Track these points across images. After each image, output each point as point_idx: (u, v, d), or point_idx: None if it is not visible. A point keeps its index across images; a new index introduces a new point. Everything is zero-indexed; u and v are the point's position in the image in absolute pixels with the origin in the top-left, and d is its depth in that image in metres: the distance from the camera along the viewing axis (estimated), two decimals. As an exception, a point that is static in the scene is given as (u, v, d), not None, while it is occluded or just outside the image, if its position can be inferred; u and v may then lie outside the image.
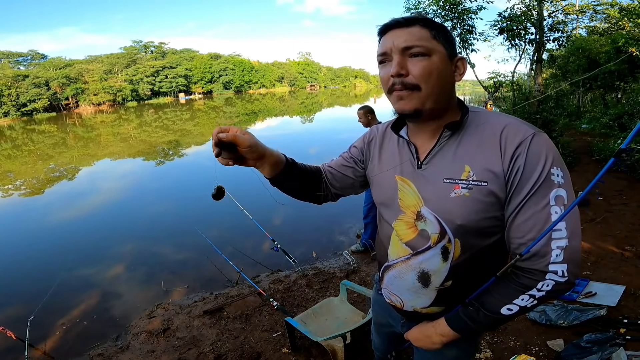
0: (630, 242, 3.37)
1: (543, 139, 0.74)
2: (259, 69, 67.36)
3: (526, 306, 0.78)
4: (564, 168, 0.74)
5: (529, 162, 0.72)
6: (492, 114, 0.81)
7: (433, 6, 8.10)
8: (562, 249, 0.72)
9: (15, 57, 44.32)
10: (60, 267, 4.07)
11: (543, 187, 0.72)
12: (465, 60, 0.83)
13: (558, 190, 0.72)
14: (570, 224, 0.72)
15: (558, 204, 0.72)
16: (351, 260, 3.48)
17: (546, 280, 0.74)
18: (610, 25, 10.32)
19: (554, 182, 0.72)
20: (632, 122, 7.05)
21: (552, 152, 0.73)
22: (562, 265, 0.73)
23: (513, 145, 0.73)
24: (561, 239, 0.72)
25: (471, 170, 0.77)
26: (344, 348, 1.95)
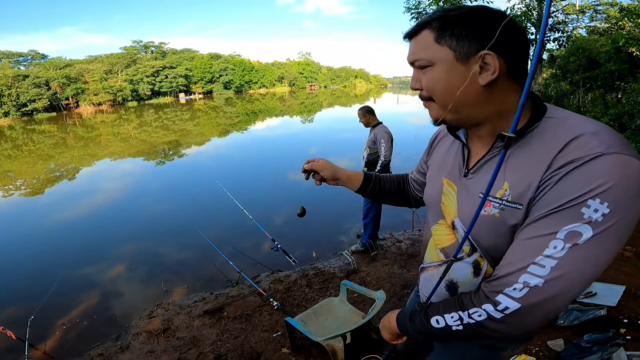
0: (630, 242, 3.37)
1: (611, 162, 0.55)
2: (259, 69, 67.37)
3: (451, 326, 0.70)
4: (621, 208, 0.54)
5: (567, 181, 0.57)
6: (575, 121, 0.62)
7: (433, 6, 8.10)
8: (529, 286, 0.59)
9: (15, 57, 44.34)
10: (60, 267, 4.08)
11: (564, 213, 0.57)
12: (494, 55, 0.62)
13: (582, 227, 0.55)
14: (565, 267, 0.57)
15: (567, 240, 0.56)
16: (351, 260, 3.48)
17: (480, 309, 0.65)
18: (611, 25, 10.32)
19: (583, 216, 0.55)
20: (632, 122, 7.05)
21: (611, 183, 0.54)
22: (513, 302, 0.61)
23: (563, 161, 0.58)
24: (535, 277, 0.59)
25: (509, 188, 0.65)
26: (344, 348, 1.95)
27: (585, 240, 0.56)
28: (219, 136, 16.40)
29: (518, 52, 0.65)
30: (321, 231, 4.72)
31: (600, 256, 0.57)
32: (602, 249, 0.56)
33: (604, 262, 0.57)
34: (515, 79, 0.66)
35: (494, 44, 0.62)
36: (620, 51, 8.68)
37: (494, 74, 0.63)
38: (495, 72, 0.63)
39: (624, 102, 9.34)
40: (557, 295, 0.59)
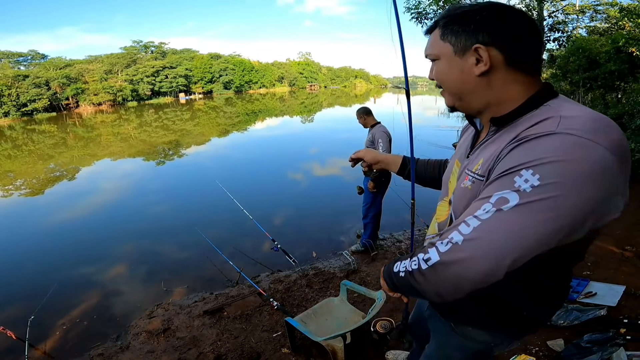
0: (630, 242, 3.37)
1: (561, 141, 0.57)
2: (259, 69, 67.35)
3: (399, 272, 0.74)
4: (556, 183, 0.55)
5: (511, 155, 0.62)
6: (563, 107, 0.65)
7: (433, 6, 8.10)
8: (452, 242, 0.61)
9: (15, 57, 44.34)
10: (60, 267, 4.08)
11: (501, 179, 0.61)
12: (487, 49, 0.68)
13: (510, 194, 0.58)
14: (484, 230, 0.59)
15: (496, 204, 0.59)
16: (351, 260, 3.48)
17: (416, 258, 0.68)
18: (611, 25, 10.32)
19: (514, 184, 0.58)
20: (632, 122, 7.05)
21: (550, 155, 0.56)
22: (436, 255, 0.62)
23: (521, 136, 0.63)
24: (459, 234, 0.61)
25: (481, 163, 0.72)
26: (344, 348, 1.95)
27: (510, 208, 0.57)
28: (219, 136, 16.40)
29: (518, 42, 0.68)
30: (321, 231, 4.72)
31: (524, 228, 0.56)
32: (526, 221, 0.56)
33: (528, 237, 0.56)
34: (520, 69, 0.70)
35: (490, 37, 0.68)
36: (620, 51, 8.67)
37: (486, 65, 0.69)
38: (487, 64, 0.69)
39: (624, 102, 9.33)
40: (469, 258, 0.59)
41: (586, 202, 0.56)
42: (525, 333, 0.90)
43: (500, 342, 0.90)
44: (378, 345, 2.22)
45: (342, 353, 1.94)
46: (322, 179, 7.71)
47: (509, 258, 0.57)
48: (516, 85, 0.70)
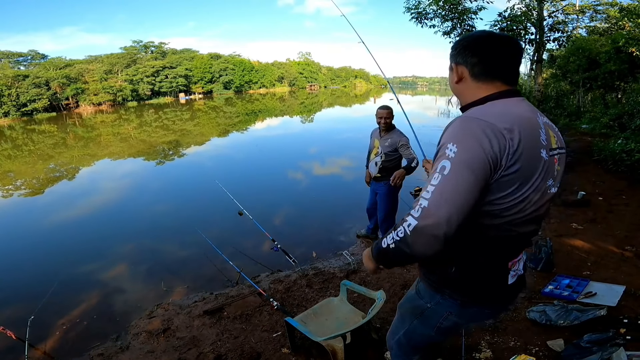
0: (630, 242, 3.37)
1: (459, 121, 0.91)
2: (259, 69, 67.26)
3: (389, 245, 0.95)
4: (463, 146, 0.85)
5: (441, 138, 0.93)
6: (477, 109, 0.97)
7: (433, 6, 8.09)
8: (421, 207, 0.85)
9: (15, 57, 44.24)
10: (60, 267, 4.08)
11: (439, 156, 0.89)
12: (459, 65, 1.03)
13: (445, 161, 0.86)
14: (439, 191, 0.84)
15: (440, 171, 0.86)
16: (351, 260, 3.48)
17: (401, 227, 0.90)
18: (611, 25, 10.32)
19: (445, 154, 0.86)
20: (632, 122, 7.05)
21: (456, 131, 0.88)
22: (414, 220, 0.86)
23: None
24: (425, 199, 0.85)
25: None
26: (344, 348, 1.95)
27: (448, 169, 0.85)
28: (219, 136, 16.40)
29: (481, 61, 1.00)
30: (321, 231, 4.72)
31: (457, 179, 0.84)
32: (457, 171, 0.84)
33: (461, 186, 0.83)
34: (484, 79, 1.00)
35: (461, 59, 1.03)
36: (620, 51, 8.67)
37: (456, 77, 1.05)
38: (456, 77, 1.05)
39: (624, 102, 9.34)
40: (437, 207, 0.83)
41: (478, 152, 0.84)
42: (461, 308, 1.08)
43: (434, 305, 1.13)
44: (378, 345, 2.22)
45: (342, 353, 1.95)
46: (322, 179, 7.72)
47: (459, 204, 0.83)
48: (477, 90, 1.02)
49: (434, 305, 1.13)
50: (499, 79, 1.00)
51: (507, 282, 1.06)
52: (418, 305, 1.19)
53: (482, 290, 1.07)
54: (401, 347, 1.33)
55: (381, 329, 2.40)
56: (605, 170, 5.82)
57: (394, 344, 1.36)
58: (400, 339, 1.31)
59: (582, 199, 4.58)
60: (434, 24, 8.45)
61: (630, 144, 5.70)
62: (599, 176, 5.59)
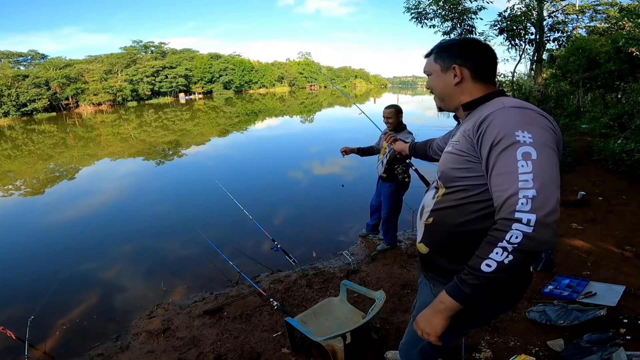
0: (630, 242, 3.37)
1: (510, 111, 0.90)
2: (259, 69, 67.24)
3: (502, 261, 0.82)
4: (534, 130, 0.85)
5: (491, 127, 0.89)
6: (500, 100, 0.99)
7: (433, 6, 8.09)
8: (529, 198, 0.79)
9: (15, 57, 44.21)
10: (60, 267, 4.08)
11: (507, 146, 0.85)
12: (460, 66, 1.06)
13: (524, 148, 0.83)
14: (538, 176, 0.81)
15: (525, 158, 0.82)
16: (351, 260, 3.48)
17: (513, 231, 0.80)
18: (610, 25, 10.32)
19: (519, 142, 0.84)
20: (632, 122, 7.05)
21: (518, 119, 0.88)
22: (529, 214, 0.79)
23: (484, 115, 0.93)
24: (528, 189, 0.80)
25: (459, 135, 1.04)
26: (344, 348, 1.95)
27: (535, 154, 0.83)
28: (219, 136, 16.40)
29: (480, 63, 1.06)
30: (321, 231, 4.72)
31: (551, 162, 0.84)
32: (545, 155, 0.84)
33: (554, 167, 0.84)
34: (480, 80, 1.07)
35: (462, 60, 1.06)
36: (620, 51, 8.67)
37: (459, 77, 1.07)
38: (458, 77, 1.07)
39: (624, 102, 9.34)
40: (547, 193, 0.80)
41: (550, 135, 0.88)
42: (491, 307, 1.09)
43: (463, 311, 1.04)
44: (378, 345, 2.22)
45: (342, 353, 1.94)
46: (322, 179, 7.71)
47: (558, 185, 0.83)
48: (477, 90, 1.07)
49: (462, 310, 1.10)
50: (491, 81, 1.08)
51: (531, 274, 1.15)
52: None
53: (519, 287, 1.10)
54: (425, 354, 1.31)
55: (381, 329, 2.40)
56: (605, 170, 5.82)
57: (416, 354, 1.32)
58: (425, 348, 1.28)
59: (582, 199, 4.58)
60: (434, 24, 8.46)
61: (630, 144, 5.70)
62: (599, 176, 5.60)
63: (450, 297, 0.92)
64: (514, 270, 0.82)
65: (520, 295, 1.13)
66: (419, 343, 1.28)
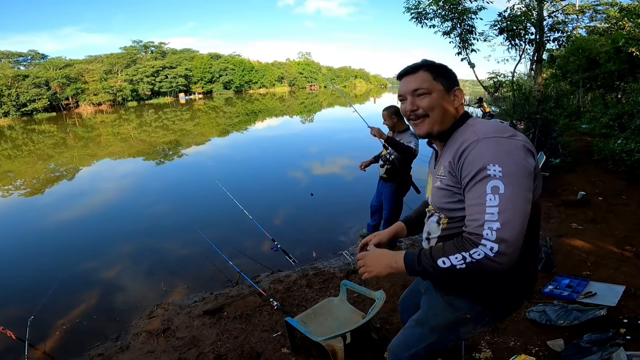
0: (630, 242, 3.37)
1: (484, 143, 0.94)
2: (259, 69, 67.23)
3: (455, 266, 0.94)
4: (506, 162, 0.91)
5: (468, 162, 0.95)
6: (472, 126, 1.03)
7: (433, 6, 8.07)
8: (493, 230, 0.89)
9: (15, 57, 44.21)
10: (60, 268, 4.08)
11: (479, 180, 0.92)
12: (461, 90, 1.09)
13: (494, 182, 0.90)
14: (503, 210, 0.89)
15: (494, 192, 0.90)
16: (351, 260, 3.48)
17: (478, 250, 0.91)
18: (610, 25, 10.31)
19: (490, 175, 0.90)
20: (632, 122, 7.04)
21: (491, 152, 0.92)
22: (493, 244, 0.89)
23: (462, 148, 0.98)
24: (493, 222, 0.89)
25: (443, 169, 1.06)
26: (344, 348, 1.95)
27: (502, 189, 0.89)
28: (219, 136, 16.40)
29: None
30: (321, 231, 4.72)
31: (518, 195, 0.90)
32: (513, 190, 0.90)
33: (522, 199, 0.91)
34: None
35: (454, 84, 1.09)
36: (620, 51, 8.66)
37: (460, 101, 1.10)
38: (462, 99, 1.10)
39: (624, 102, 9.34)
40: (510, 226, 0.88)
41: (520, 163, 0.92)
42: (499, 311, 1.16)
43: (475, 315, 1.14)
44: (378, 345, 2.22)
45: (342, 353, 1.94)
46: (322, 179, 7.71)
47: (524, 217, 0.91)
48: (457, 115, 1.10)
49: (474, 315, 1.15)
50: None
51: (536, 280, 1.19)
52: (454, 318, 1.17)
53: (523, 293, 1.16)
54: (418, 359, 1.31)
55: (381, 329, 2.40)
56: (605, 170, 5.82)
57: (407, 357, 1.31)
58: (419, 352, 1.28)
59: (582, 199, 4.58)
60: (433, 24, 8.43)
61: (630, 144, 5.69)
62: (599, 176, 5.59)
63: (404, 264, 1.04)
64: (459, 276, 0.95)
65: (520, 303, 1.19)
66: (412, 347, 1.27)
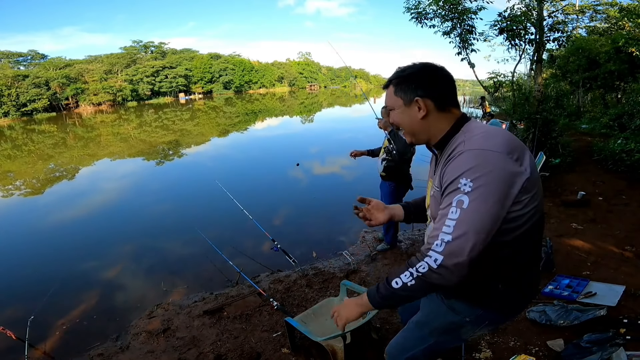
0: (630, 242, 3.37)
1: (466, 155, 0.91)
2: (259, 69, 67.26)
3: (406, 283, 0.93)
4: (480, 179, 0.87)
5: (447, 172, 0.94)
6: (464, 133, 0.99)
7: (433, 6, 8.06)
8: (444, 242, 0.88)
9: (15, 57, 44.23)
10: (60, 268, 4.08)
11: (450, 191, 0.91)
12: (421, 99, 1.01)
13: (460, 196, 0.88)
14: (459, 225, 0.87)
15: (457, 206, 0.88)
16: (351, 260, 3.48)
17: (423, 262, 0.91)
18: (610, 25, 10.31)
19: (459, 189, 0.89)
20: (632, 122, 7.05)
21: (468, 165, 0.89)
22: (439, 255, 0.88)
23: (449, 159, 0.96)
24: (447, 234, 0.88)
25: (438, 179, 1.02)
26: (344, 348, 1.95)
27: (466, 203, 0.87)
28: (219, 136, 16.40)
29: (441, 91, 1.02)
30: (321, 231, 4.72)
31: (481, 212, 0.86)
32: (479, 207, 0.86)
33: (486, 214, 0.87)
34: (444, 109, 1.03)
35: (424, 92, 1.01)
36: (620, 51, 8.67)
37: (424, 111, 1.02)
38: (424, 111, 1.02)
39: (624, 102, 9.34)
40: (462, 242, 0.86)
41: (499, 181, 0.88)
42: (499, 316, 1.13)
43: (474, 319, 1.11)
44: (378, 345, 2.22)
45: (342, 353, 1.94)
46: (322, 179, 7.72)
47: (483, 233, 0.87)
48: (444, 121, 1.03)
49: (473, 318, 1.13)
50: (455, 105, 1.06)
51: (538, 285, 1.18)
52: (453, 321, 1.16)
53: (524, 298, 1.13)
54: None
55: (381, 329, 2.40)
56: (605, 170, 5.82)
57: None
58: (417, 355, 1.27)
59: (582, 199, 4.58)
60: (433, 24, 8.41)
61: (630, 144, 5.69)
62: (599, 176, 5.59)
63: (367, 298, 1.04)
64: (414, 292, 0.94)
65: (520, 308, 1.16)
66: (410, 349, 1.27)
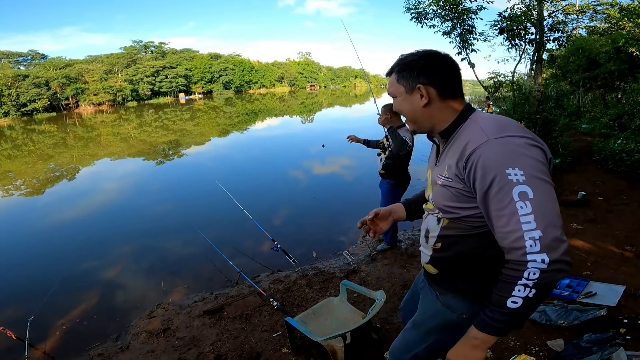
0: (630, 242, 3.37)
1: (495, 144, 0.86)
2: (259, 69, 67.29)
3: (527, 296, 0.84)
4: (524, 163, 0.83)
5: (480, 166, 0.87)
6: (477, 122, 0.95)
7: (433, 6, 8.07)
8: (535, 239, 0.81)
9: (15, 57, 44.27)
10: (60, 267, 4.08)
11: (501, 187, 0.83)
12: (423, 86, 0.99)
13: (519, 187, 0.82)
14: (539, 216, 0.81)
15: (522, 199, 0.82)
16: (351, 260, 3.48)
17: (529, 270, 0.82)
18: (610, 25, 10.31)
19: (512, 181, 0.82)
20: (632, 122, 7.05)
21: (506, 154, 0.84)
22: (541, 254, 0.81)
23: (469, 150, 0.89)
24: (533, 231, 0.81)
25: (447, 168, 0.99)
26: (344, 348, 1.95)
27: (531, 193, 0.82)
28: (219, 136, 16.41)
29: (445, 79, 1.00)
30: (321, 231, 4.72)
31: (548, 195, 0.83)
32: (542, 192, 0.83)
33: (552, 195, 0.84)
34: (448, 97, 1.00)
35: (427, 79, 0.99)
36: (620, 51, 8.67)
37: (426, 98, 1.00)
38: (426, 98, 1.00)
39: (624, 102, 9.33)
40: (552, 230, 0.82)
41: (539, 164, 0.85)
42: None
43: (472, 315, 1.05)
44: (378, 345, 2.22)
45: (342, 353, 1.94)
46: (322, 179, 7.71)
47: (558, 215, 0.84)
48: (448, 109, 1.01)
49: (472, 314, 1.10)
50: (460, 95, 1.03)
51: None
52: (450, 319, 1.15)
53: None
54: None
55: (381, 329, 2.40)
56: (605, 170, 5.82)
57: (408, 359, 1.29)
58: (419, 354, 1.25)
59: (582, 199, 4.58)
60: (433, 24, 8.41)
61: (630, 144, 5.69)
62: (599, 176, 5.59)
63: (484, 333, 0.94)
64: (540, 300, 0.86)
65: None
66: (412, 349, 1.25)
